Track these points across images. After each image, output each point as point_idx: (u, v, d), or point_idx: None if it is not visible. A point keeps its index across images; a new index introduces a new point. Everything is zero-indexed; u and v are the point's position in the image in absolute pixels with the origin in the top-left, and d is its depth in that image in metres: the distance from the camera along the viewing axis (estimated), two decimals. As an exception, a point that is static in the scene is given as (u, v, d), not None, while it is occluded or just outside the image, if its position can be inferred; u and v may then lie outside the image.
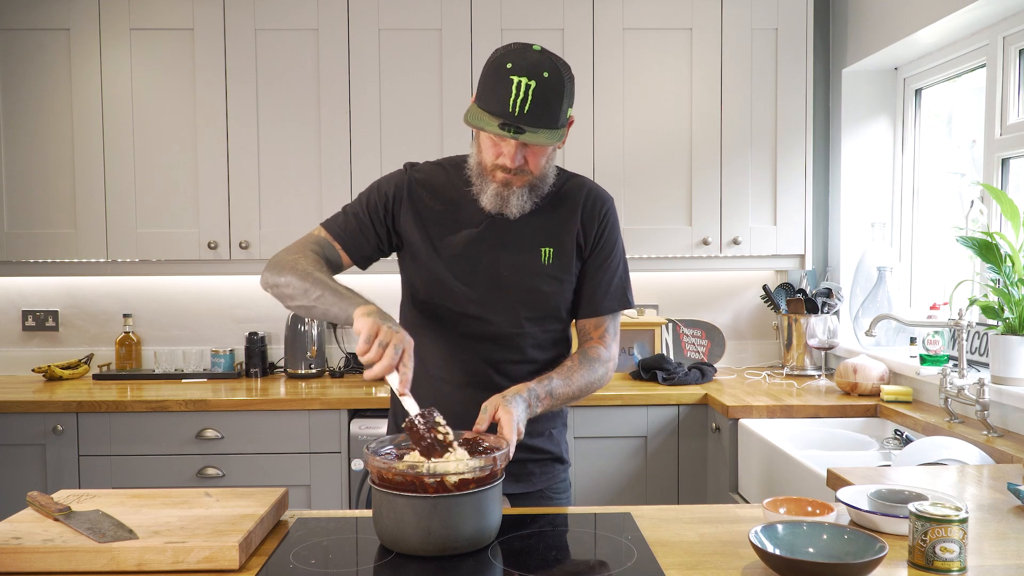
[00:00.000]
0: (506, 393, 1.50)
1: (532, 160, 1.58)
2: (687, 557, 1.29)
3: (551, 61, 1.52)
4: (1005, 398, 2.22)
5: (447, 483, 1.27)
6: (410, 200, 1.69)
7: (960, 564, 1.19)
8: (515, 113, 1.49)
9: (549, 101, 1.50)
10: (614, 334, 1.75)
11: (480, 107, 1.54)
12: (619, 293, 1.73)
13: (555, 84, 1.51)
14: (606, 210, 1.72)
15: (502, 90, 1.49)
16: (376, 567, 1.28)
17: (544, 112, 1.50)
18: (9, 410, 2.79)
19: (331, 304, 1.50)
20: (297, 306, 1.57)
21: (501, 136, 1.52)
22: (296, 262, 1.58)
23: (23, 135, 3.05)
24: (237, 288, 3.41)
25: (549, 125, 1.52)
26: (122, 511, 1.40)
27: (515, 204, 1.62)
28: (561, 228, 1.69)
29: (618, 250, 1.74)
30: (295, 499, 2.79)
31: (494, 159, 1.58)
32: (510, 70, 1.49)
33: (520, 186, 1.61)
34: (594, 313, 1.72)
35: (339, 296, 1.50)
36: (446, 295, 1.68)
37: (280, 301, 1.59)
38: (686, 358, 3.40)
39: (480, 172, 1.62)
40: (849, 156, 3.28)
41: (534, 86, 1.48)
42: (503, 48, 1.56)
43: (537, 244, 1.67)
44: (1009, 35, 2.55)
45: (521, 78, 1.48)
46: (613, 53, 3.09)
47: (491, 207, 1.63)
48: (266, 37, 3.05)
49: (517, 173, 1.58)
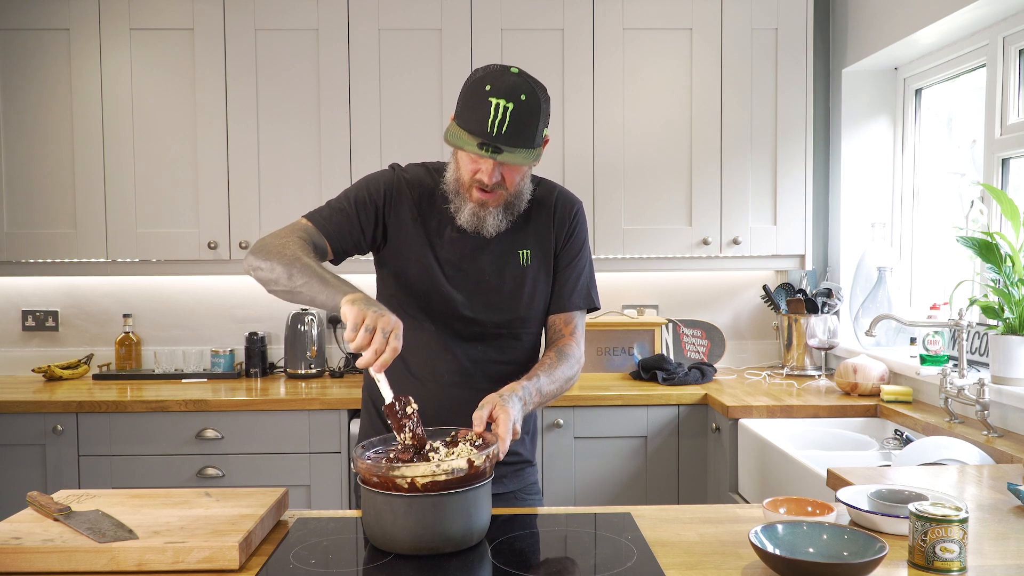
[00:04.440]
0: (503, 392, 1.51)
1: (508, 177, 1.64)
2: (687, 557, 1.29)
3: (528, 84, 1.58)
4: (1005, 398, 2.22)
5: (416, 484, 1.27)
6: (400, 199, 1.72)
7: (960, 564, 1.19)
8: (493, 133, 1.55)
9: (526, 122, 1.56)
10: (582, 333, 1.80)
11: (459, 126, 1.59)
12: (585, 291, 1.80)
13: (532, 106, 1.57)
14: (576, 211, 1.80)
15: (481, 111, 1.55)
16: (375, 567, 1.28)
17: (521, 132, 1.56)
18: (9, 410, 2.79)
19: (317, 291, 1.49)
20: (280, 291, 1.54)
21: (480, 156, 1.57)
22: (284, 247, 1.56)
23: (23, 135, 3.05)
24: (237, 288, 3.41)
25: (526, 145, 1.58)
26: (122, 511, 1.40)
27: (491, 224, 1.68)
28: (536, 231, 1.76)
29: (585, 251, 1.81)
30: (295, 499, 2.79)
31: (471, 175, 1.63)
32: (489, 92, 1.55)
33: (496, 206, 1.67)
34: (563, 308, 1.78)
35: (325, 283, 1.48)
36: (432, 295, 1.70)
37: (263, 285, 1.57)
38: (686, 358, 3.40)
39: (457, 190, 1.68)
40: (849, 156, 3.28)
41: (512, 108, 1.54)
42: (482, 69, 1.61)
43: (515, 247, 1.74)
44: (1009, 35, 2.55)
45: (499, 100, 1.54)
46: (613, 53, 3.09)
47: (468, 226, 1.69)
48: (266, 37, 3.05)
49: (493, 189, 1.64)
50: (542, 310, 1.78)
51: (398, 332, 1.39)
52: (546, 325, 1.80)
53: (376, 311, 1.39)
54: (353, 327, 1.37)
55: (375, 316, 1.37)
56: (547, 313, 1.79)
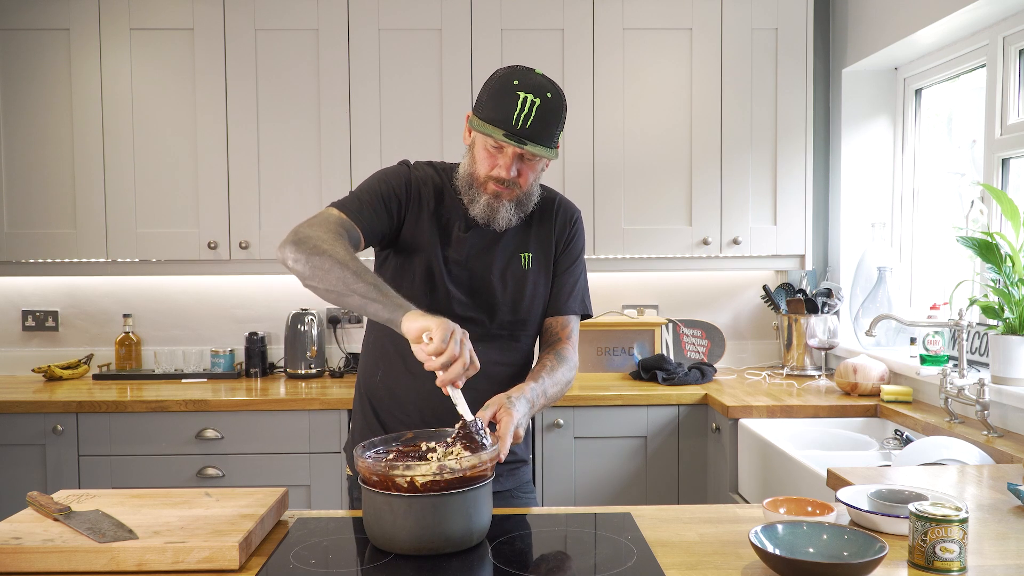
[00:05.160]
0: (510, 393, 1.52)
1: (524, 175, 1.66)
2: (687, 557, 1.29)
3: (553, 84, 1.63)
4: (1005, 398, 2.22)
5: (416, 484, 1.27)
6: (419, 195, 1.73)
7: (960, 564, 1.19)
8: (518, 126, 1.58)
9: (549, 120, 1.60)
10: (577, 338, 1.82)
11: (481, 118, 1.61)
12: (580, 297, 1.82)
13: (556, 105, 1.61)
14: (575, 219, 1.84)
15: (508, 104, 1.58)
16: (375, 567, 1.28)
17: (544, 129, 1.60)
18: (9, 410, 2.79)
19: (373, 301, 1.44)
20: (325, 290, 1.48)
21: (507, 143, 1.59)
22: (333, 246, 1.49)
23: (23, 135, 3.05)
24: (237, 288, 3.41)
25: (546, 143, 1.62)
26: (122, 511, 1.40)
27: (503, 216, 1.69)
28: (538, 235, 1.78)
29: (582, 259, 1.85)
30: (295, 499, 2.79)
31: (488, 170, 1.65)
32: (517, 86, 1.59)
33: (509, 200, 1.68)
34: (559, 312, 1.80)
35: (382, 294, 1.44)
36: (434, 292, 1.70)
37: (301, 279, 1.51)
38: (686, 358, 3.40)
39: (471, 184, 1.69)
40: (849, 156, 3.28)
41: (539, 103, 1.58)
42: (508, 67, 1.66)
43: (518, 250, 1.75)
44: (1009, 35, 2.55)
45: (528, 94, 1.58)
46: (613, 53, 3.10)
47: (481, 218, 1.69)
48: (266, 37, 3.05)
49: (509, 186, 1.65)
50: (540, 313, 1.79)
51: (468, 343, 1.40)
52: (542, 328, 1.81)
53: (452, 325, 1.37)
54: (443, 340, 1.34)
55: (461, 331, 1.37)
56: (544, 316, 1.80)
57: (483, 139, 1.64)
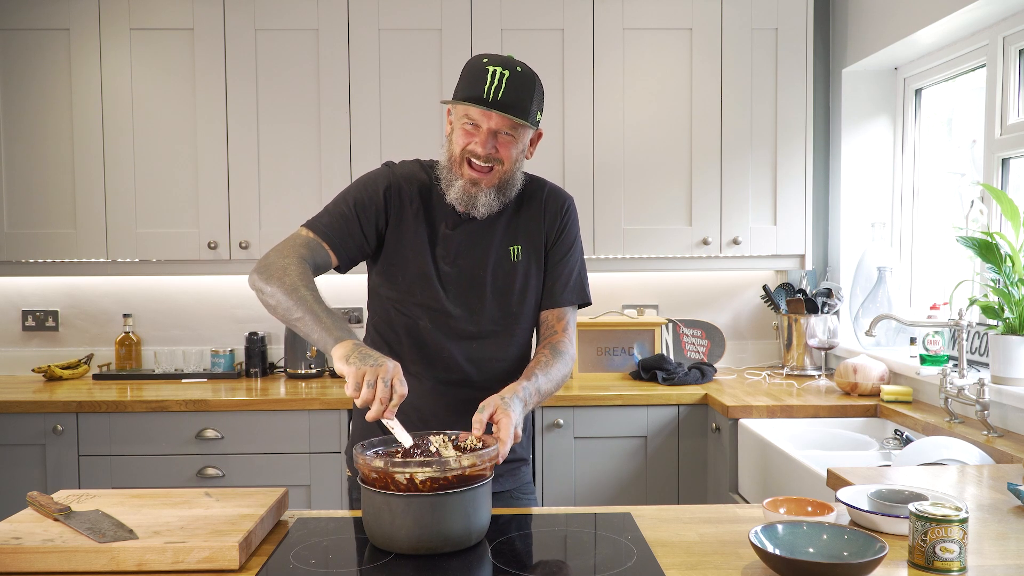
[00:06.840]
0: (503, 393, 1.51)
1: (503, 150, 1.65)
2: (687, 557, 1.29)
3: (524, 64, 1.66)
4: (1005, 398, 2.22)
5: (415, 481, 1.28)
6: (400, 196, 1.72)
7: (960, 564, 1.19)
8: (489, 98, 1.60)
9: (520, 92, 1.61)
10: (574, 329, 1.80)
11: (455, 100, 1.64)
12: (578, 287, 1.80)
13: (527, 77, 1.63)
14: (567, 207, 1.80)
15: (479, 79, 1.61)
16: (375, 567, 1.28)
17: (516, 101, 1.61)
18: (9, 410, 2.79)
19: (311, 330, 1.49)
20: (279, 316, 1.57)
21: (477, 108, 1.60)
22: (285, 271, 1.56)
23: (23, 135, 3.05)
24: (237, 288, 3.41)
25: (521, 115, 1.62)
26: (122, 511, 1.40)
27: (482, 203, 1.68)
28: (527, 226, 1.76)
29: (577, 246, 1.81)
30: (295, 499, 2.79)
31: (464, 145, 1.64)
32: (486, 63, 1.62)
33: (488, 186, 1.66)
34: (555, 304, 1.77)
35: (319, 323, 1.48)
36: (428, 294, 1.70)
37: (265, 309, 1.60)
38: (686, 358, 3.40)
39: (450, 167, 1.68)
40: (849, 156, 3.28)
41: (508, 75, 1.60)
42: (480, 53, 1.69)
43: (507, 243, 1.74)
44: (1009, 35, 2.55)
45: (496, 67, 1.61)
46: (613, 53, 3.09)
47: (458, 204, 1.68)
48: (266, 37, 3.05)
49: (488, 162, 1.64)
50: (534, 306, 1.77)
51: (399, 376, 1.40)
52: (538, 321, 1.80)
53: (372, 363, 1.38)
54: (355, 387, 1.38)
55: (373, 370, 1.37)
56: (539, 309, 1.78)
57: (460, 120, 1.65)
